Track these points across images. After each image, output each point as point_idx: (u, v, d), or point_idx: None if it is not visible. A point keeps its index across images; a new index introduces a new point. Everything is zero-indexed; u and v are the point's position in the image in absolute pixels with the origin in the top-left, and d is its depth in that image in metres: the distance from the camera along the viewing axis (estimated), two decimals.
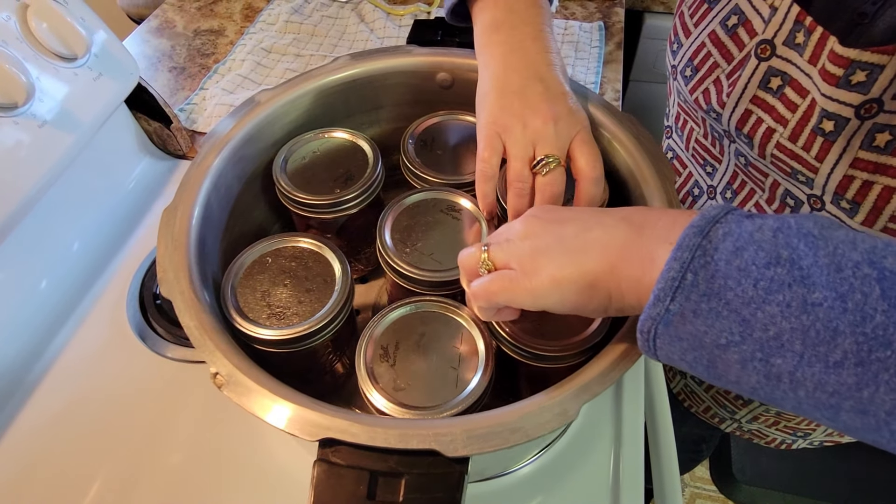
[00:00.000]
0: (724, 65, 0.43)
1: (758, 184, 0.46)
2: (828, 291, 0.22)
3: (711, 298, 0.24)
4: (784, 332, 0.23)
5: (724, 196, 0.51)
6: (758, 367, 0.24)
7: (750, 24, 0.41)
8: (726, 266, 0.24)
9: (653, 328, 0.26)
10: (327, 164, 0.47)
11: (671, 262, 0.25)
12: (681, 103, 0.52)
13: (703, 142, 0.51)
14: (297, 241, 0.42)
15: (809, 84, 0.37)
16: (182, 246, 0.38)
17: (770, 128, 0.40)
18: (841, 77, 0.34)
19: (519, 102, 0.39)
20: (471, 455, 0.29)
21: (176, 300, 0.35)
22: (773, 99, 0.40)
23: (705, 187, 0.53)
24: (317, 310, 0.39)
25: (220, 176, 0.43)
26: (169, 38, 0.89)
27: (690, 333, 0.25)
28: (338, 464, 0.28)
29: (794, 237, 0.24)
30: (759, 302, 0.23)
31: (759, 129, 0.41)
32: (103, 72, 0.58)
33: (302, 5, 0.92)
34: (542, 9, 0.43)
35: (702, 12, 0.45)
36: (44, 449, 0.49)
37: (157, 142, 0.70)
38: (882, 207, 0.37)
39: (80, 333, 0.57)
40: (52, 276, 0.58)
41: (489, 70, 0.42)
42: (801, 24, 0.36)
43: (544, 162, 0.39)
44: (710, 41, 0.44)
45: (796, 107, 0.38)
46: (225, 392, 0.31)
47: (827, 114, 0.36)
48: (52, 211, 0.57)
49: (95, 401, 0.52)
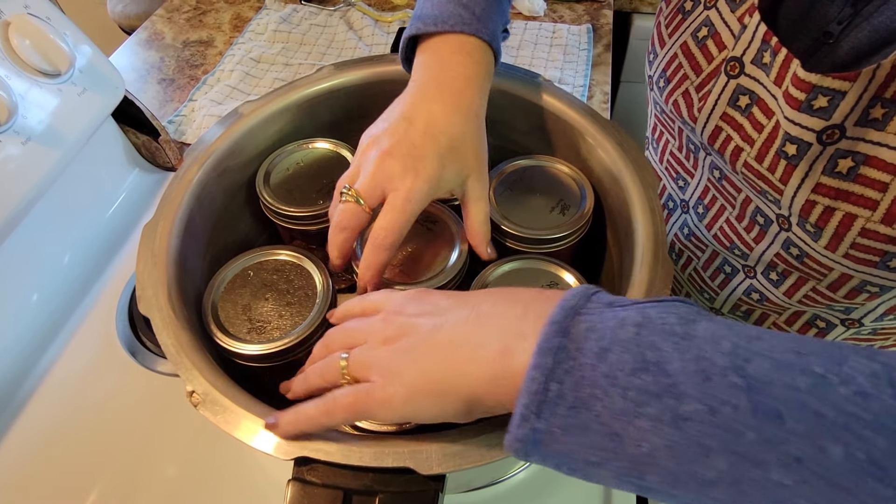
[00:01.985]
0: (693, 76, 0.43)
1: (729, 200, 0.45)
2: (698, 404, 0.21)
3: (580, 411, 0.23)
4: (657, 449, 0.21)
5: (696, 210, 0.50)
6: (634, 483, 0.23)
7: (719, 37, 0.40)
8: (592, 372, 0.23)
9: (521, 450, 0.24)
10: (310, 175, 0.47)
11: (532, 371, 0.23)
12: (657, 114, 0.51)
13: (677, 154, 0.51)
14: (279, 254, 0.42)
15: (775, 105, 0.37)
16: (162, 262, 0.38)
17: (738, 146, 0.40)
18: (803, 101, 0.34)
19: (379, 130, 0.37)
20: (446, 472, 0.28)
21: (154, 318, 0.34)
22: (742, 117, 0.39)
23: (678, 201, 0.53)
24: (297, 323, 0.38)
25: (203, 189, 0.43)
26: (158, 50, 0.89)
27: (561, 452, 0.23)
28: (312, 482, 0.28)
29: (658, 336, 0.23)
30: (630, 415, 0.22)
31: (728, 146, 0.41)
32: (88, 87, 0.58)
33: (290, 14, 0.92)
34: (471, 58, 0.39)
35: (676, 23, 0.45)
36: (35, 467, 0.49)
37: (146, 155, 0.70)
38: (843, 234, 0.36)
39: (69, 349, 0.57)
40: (42, 290, 0.58)
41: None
42: (768, 43, 0.36)
43: (345, 191, 0.36)
44: (681, 52, 0.44)
45: (762, 127, 0.38)
46: (200, 411, 0.31)
47: (790, 137, 0.36)
48: (42, 225, 0.57)
49: (86, 417, 0.52)
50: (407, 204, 0.35)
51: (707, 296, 0.55)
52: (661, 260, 0.36)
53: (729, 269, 0.50)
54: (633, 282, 0.35)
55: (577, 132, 0.45)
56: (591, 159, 0.45)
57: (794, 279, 0.44)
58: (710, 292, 0.54)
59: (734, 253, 0.47)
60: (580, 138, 0.45)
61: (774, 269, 0.45)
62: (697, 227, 0.51)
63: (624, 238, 0.41)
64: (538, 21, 0.89)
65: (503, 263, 0.41)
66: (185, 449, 0.49)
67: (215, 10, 0.96)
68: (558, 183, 0.46)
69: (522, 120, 0.49)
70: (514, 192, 0.46)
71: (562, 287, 0.40)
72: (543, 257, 0.42)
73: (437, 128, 0.37)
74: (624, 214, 0.41)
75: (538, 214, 0.44)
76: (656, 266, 0.36)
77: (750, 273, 0.48)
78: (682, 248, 0.55)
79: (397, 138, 0.36)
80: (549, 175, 0.47)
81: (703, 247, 0.52)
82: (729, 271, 0.50)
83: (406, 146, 0.36)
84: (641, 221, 0.39)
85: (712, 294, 0.54)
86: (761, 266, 0.46)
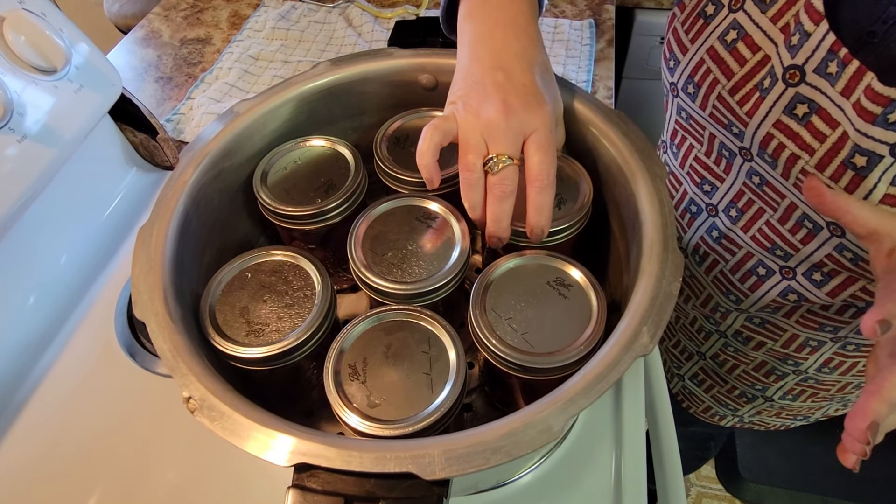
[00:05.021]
0: (724, 80, 0.42)
1: (770, 204, 0.44)
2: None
3: None
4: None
5: (728, 214, 0.49)
6: None
7: (750, 39, 0.39)
8: None
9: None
10: (308, 174, 0.46)
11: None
12: (680, 120, 0.50)
13: (703, 160, 0.49)
14: (277, 254, 0.41)
15: (840, 116, 0.35)
16: (158, 266, 0.37)
17: (794, 154, 0.39)
18: (878, 115, 0.33)
19: (476, 93, 0.37)
20: (450, 477, 0.27)
21: (150, 322, 0.34)
22: (798, 126, 0.38)
23: (704, 205, 0.52)
24: (297, 325, 0.37)
25: (199, 190, 0.42)
26: (155, 48, 0.88)
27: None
28: (313, 489, 0.27)
29: None
30: None
31: (782, 153, 0.40)
32: (84, 84, 0.57)
33: (289, 11, 0.91)
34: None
35: (698, 28, 0.44)
36: (34, 470, 0.48)
37: (144, 153, 0.70)
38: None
39: (67, 351, 0.56)
40: (39, 291, 0.57)
41: (458, 60, 0.40)
42: (835, 54, 0.35)
43: (493, 160, 0.37)
44: (708, 57, 0.43)
45: (825, 137, 0.37)
46: (197, 417, 0.30)
47: (860, 149, 0.35)
48: (39, 225, 0.56)
49: (85, 420, 0.51)
50: (550, 137, 0.37)
51: (734, 297, 0.54)
52: (670, 251, 0.35)
53: (763, 270, 0.49)
54: (642, 273, 0.34)
55: (582, 123, 0.44)
56: (596, 150, 0.44)
57: (841, 279, 0.43)
58: (737, 294, 0.53)
59: (775, 254, 0.46)
60: (585, 129, 0.44)
61: (820, 270, 0.44)
62: (731, 229, 0.49)
63: (631, 230, 0.40)
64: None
65: (506, 261, 0.40)
66: (185, 452, 0.48)
67: (213, 7, 0.95)
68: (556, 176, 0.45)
69: None
70: None
71: (568, 283, 0.39)
72: (546, 252, 0.41)
73: (526, 62, 0.38)
74: (631, 205, 0.40)
75: None
76: (666, 256, 0.35)
77: (788, 274, 0.46)
78: (709, 251, 0.54)
79: (503, 87, 0.37)
80: None
81: (735, 249, 0.50)
82: (763, 273, 0.49)
83: (515, 88, 0.37)
84: (649, 212, 0.38)
85: (740, 296, 0.53)
86: (804, 266, 0.45)
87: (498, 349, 0.36)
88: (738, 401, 0.65)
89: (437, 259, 0.40)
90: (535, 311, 0.38)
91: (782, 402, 0.61)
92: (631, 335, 0.32)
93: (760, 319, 0.54)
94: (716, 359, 0.64)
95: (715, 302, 0.57)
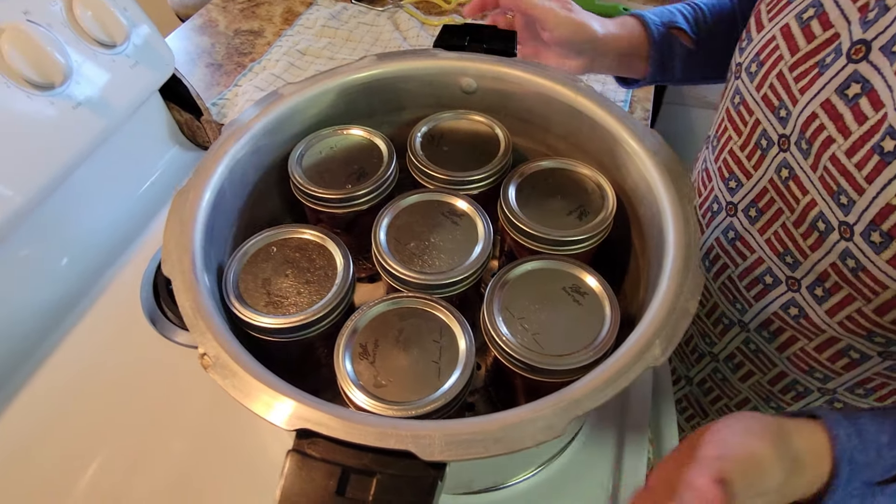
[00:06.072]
0: (788, 56, 0.42)
1: (789, 203, 0.44)
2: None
3: None
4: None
5: (748, 214, 0.49)
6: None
7: (826, 17, 0.40)
8: None
9: None
10: (342, 160, 0.47)
11: None
12: (731, 108, 0.50)
13: (737, 153, 0.49)
14: (304, 232, 0.42)
15: (888, 97, 0.35)
16: (189, 229, 0.38)
17: (830, 137, 0.39)
18: None
19: None
20: (447, 461, 0.28)
21: (175, 279, 0.35)
22: (844, 106, 0.38)
23: (724, 203, 0.52)
24: (315, 301, 0.38)
25: (236, 164, 0.44)
26: (210, 36, 0.92)
27: None
28: (312, 456, 0.28)
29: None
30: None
31: (819, 135, 0.40)
32: (140, 60, 0.60)
33: (340, 12, 0.94)
34: None
35: (780, 6, 0.44)
36: (47, 422, 0.50)
37: (187, 133, 0.72)
38: None
39: (92, 312, 0.58)
40: (72, 254, 0.59)
41: None
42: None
43: None
44: (780, 34, 0.43)
45: (865, 119, 0.37)
46: (210, 373, 0.31)
47: (892, 131, 0.34)
48: (80, 191, 0.59)
49: (102, 379, 0.53)
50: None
51: (739, 307, 0.53)
52: (691, 269, 0.35)
53: (770, 279, 0.49)
54: (660, 289, 0.34)
55: (614, 138, 0.44)
56: (626, 167, 0.44)
57: (840, 297, 0.43)
58: (742, 303, 0.53)
59: (784, 261, 0.46)
60: (616, 145, 0.44)
61: (822, 284, 0.44)
62: (748, 230, 0.50)
63: (654, 248, 0.40)
64: None
65: (524, 262, 0.40)
66: (197, 420, 0.49)
67: (268, 2, 0.99)
68: (579, 188, 0.46)
69: (558, 123, 0.49)
70: (532, 192, 0.45)
71: (584, 290, 0.39)
72: (565, 258, 0.41)
73: None
74: (656, 224, 0.40)
75: (554, 217, 0.43)
76: (686, 274, 0.34)
77: (794, 286, 0.46)
78: (720, 254, 0.54)
79: None
80: (571, 179, 0.46)
81: (746, 253, 0.50)
82: (769, 282, 0.49)
83: None
84: (674, 232, 0.38)
85: (745, 305, 0.52)
86: (810, 278, 0.45)
87: (507, 345, 0.36)
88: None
89: (458, 254, 0.41)
90: (549, 314, 0.38)
91: None
92: (643, 345, 0.32)
93: (756, 346, 0.54)
94: (702, 385, 0.64)
95: (720, 312, 0.56)
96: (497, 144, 0.49)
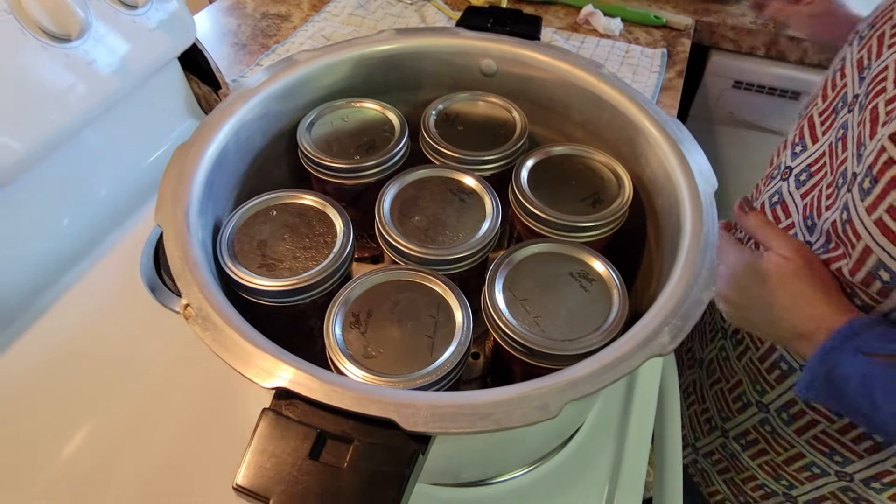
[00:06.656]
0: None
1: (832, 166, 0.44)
2: None
3: None
4: None
5: (798, 178, 0.48)
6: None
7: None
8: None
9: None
10: (353, 132, 0.46)
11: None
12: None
13: (815, 118, 0.49)
14: (306, 198, 0.41)
15: None
16: (187, 181, 0.37)
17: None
18: None
19: None
20: (431, 433, 0.26)
21: (167, 229, 0.34)
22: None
23: (782, 167, 0.51)
24: (310, 267, 0.37)
25: (243, 125, 0.43)
26: (237, 18, 0.92)
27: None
28: (287, 416, 0.26)
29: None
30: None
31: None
32: (161, 25, 0.60)
33: (368, 2, 0.93)
34: None
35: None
36: (33, 385, 0.48)
37: (204, 105, 0.72)
38: None
39: (91, 274, 0.57)
40: (74, 216, 0.58)
41: None
42: None
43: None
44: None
45: None
46: (191, 325, 0.29)
47: None
48: (87, 153, 0.58)
49: (95, 342, 0.52)
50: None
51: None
52: (707, 260, 0.33)
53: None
54: (673, 277, 0.32)
55: (635, 126, 0.43)
56: (645, 156, 0.43)
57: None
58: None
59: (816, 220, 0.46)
60: (637, 133, 0.43)
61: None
62: (792, 195, 0.48)
63: (669, 239, 0.38)
64: (612, 40, 0.88)
65: (531, 244, 0.39)
66: (191, 390, 0.47)
67: None
68: (595, 175, 0.44)
69: (577, 110, 0.47)
70: (545, 177, 0.44)
71: (592, 277, 0.37)
72: (573, 243, 0.39)
73: None
74: (674, 213, 0.38)
75: (566, 202, 0.41)
76: (702, 265, 0.32)
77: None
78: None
79: None
80: (587, 165, 0.44)
81: (787, 215, 0.49)
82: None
83: None
84: (692, 223, 0.36)
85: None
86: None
87: (506, 325, 0.34)
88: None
89: (463, 231, 0.39)
90: (553, 298, 0.36)
91: None
92: (650, 333, 0.30)
93: (771, 427, 0.53)
94: (710, 457, 0.63)
95: (742, 390, 0.55)
96: (513, 128, 0.47)
